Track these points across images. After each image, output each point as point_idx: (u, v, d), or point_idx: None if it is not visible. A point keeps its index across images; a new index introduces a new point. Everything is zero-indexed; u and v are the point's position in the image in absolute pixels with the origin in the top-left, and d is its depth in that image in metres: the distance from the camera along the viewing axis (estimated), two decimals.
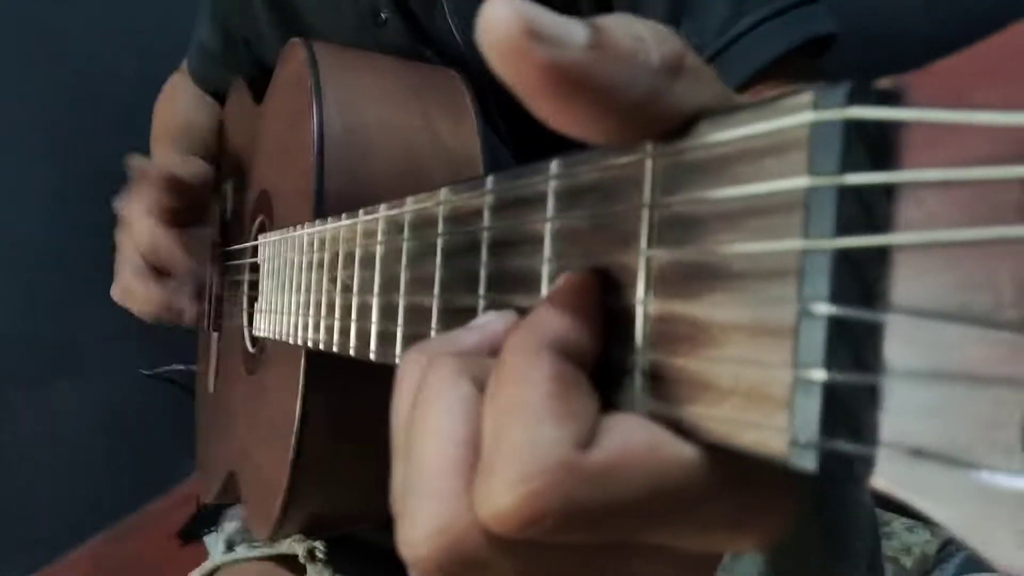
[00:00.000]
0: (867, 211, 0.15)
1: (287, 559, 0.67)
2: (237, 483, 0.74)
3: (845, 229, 0.15)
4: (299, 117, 0.61)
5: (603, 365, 0.21)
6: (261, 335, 0.62)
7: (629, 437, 0.19)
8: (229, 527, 0.75)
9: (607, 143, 0.20)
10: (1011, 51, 0.13)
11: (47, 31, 1.30)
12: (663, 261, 0.19)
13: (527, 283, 0.24)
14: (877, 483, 0.14)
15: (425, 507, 0.20)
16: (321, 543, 0.66)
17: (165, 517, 1.45)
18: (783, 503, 0.20)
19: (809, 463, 0.15)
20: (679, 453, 0.18)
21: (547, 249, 0.23)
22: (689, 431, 0.18)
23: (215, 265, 0.88)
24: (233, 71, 0.89)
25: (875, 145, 0.15)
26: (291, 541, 0.66)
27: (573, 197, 0.22)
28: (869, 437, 0.14)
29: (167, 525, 0.71)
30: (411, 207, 0.32)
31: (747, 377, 0.17)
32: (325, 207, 0.54)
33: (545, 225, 0.23)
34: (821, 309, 0.15)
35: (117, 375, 1.42)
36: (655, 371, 0.19)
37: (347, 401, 0.55)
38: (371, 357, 0.35)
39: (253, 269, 0.69)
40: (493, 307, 0.26)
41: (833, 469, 0.15)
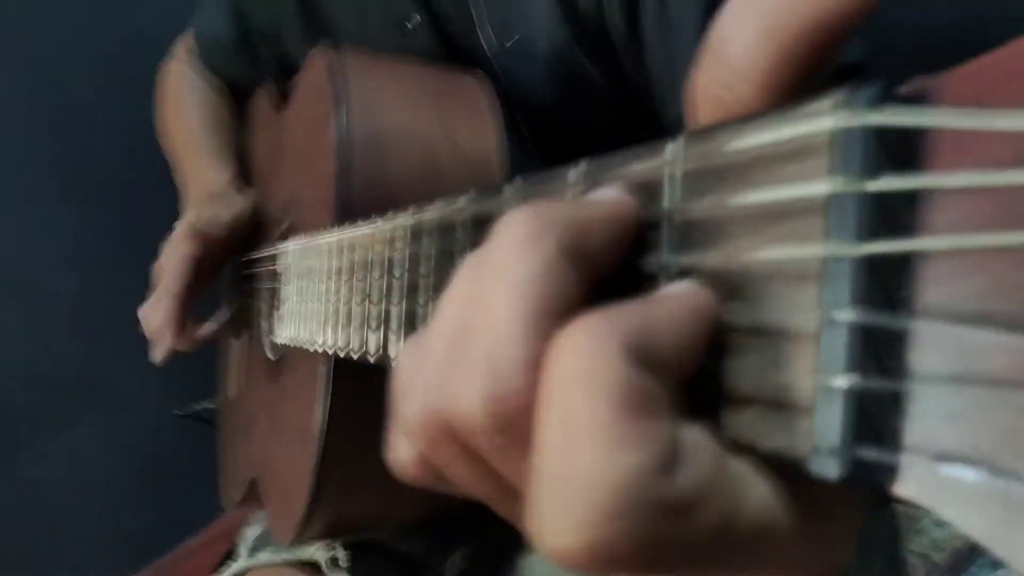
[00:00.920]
0: (890, 216, 0.15)
1: (309, 565, 0.68)
2: (259, 489, 0.74)
3: (868, 235, 0.15)
4: (322, 123, 0.61)
5: None
6: (283, 342, 0.63)
7: (705, 457, 0.17)
8: (251, 533, 0.76)
9: None
10: None
11: (58, 73, 1.32)
12: (684, 267, 0.19)
13: None
14: (900, 490, 0.14)
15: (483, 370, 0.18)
16: (344, 551, 0.66)
17: (200, 555, 1.46)
18: (847, 543, 0.20)
19: (832, 470, 0.15)
20: (748, 474, 0.17)
21: None
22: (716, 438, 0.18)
23: (238, 272, 0.89)
24: (248, 64, 0.89)
25: (898, 150, 0.15)
26: (314, 549, 0.67)
27: None
28: (892, 443, 0.14)
29: (202, 563, 0.72)
30: (433, 214, 0.32)
31: (770, 383, 0.17)
32: (347, 214, 0.55)
33: None
34: (843, 315, 0.15)
35: (149, 414, 1.44)
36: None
37: (369, 408, 0.55)
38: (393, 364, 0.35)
39: (275, 276, 0.69)
40: None
41: (856, 475, 0.15)
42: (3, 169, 1.28)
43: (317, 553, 0.67)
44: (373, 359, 0.38)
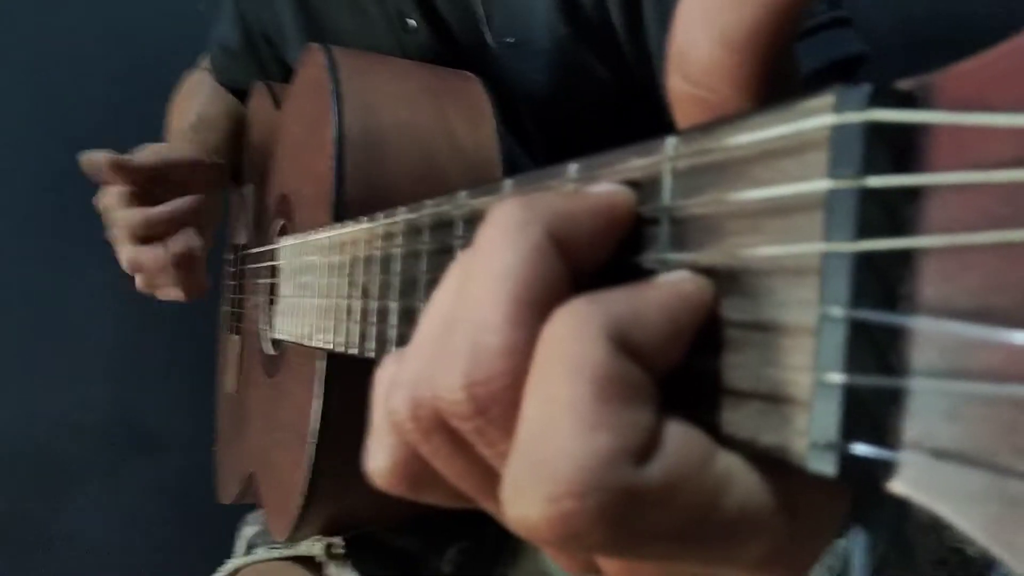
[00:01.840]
0: (889, 214, 0.15)
1: (306, 560, 0.68)
2: (256, 484, 0.74)
3: (866, 232, 0.15)
4: (318, 121, 0.61)
5: None
6: (280, 338, 0.63)
7: (686, 452, 0.17)
8: (249, 531, 0.76)
9: None
10: None
11: (68, 99, 1.31)
12: (683, 263, 0.19)
13: None
14: (898, 487, 0.14)
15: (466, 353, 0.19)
16: (339, 539, 0.66)
17: None
18: (830, 532, 0.20)
19: (829, 466, 0.15)
20: (734, 471, 0.17)
21: None
22: (711, 433, 0.18)
23: (236, 268, 0.89)
24: (254, 69, 0.89)
25: (897, 147, 0.15)
26: (309, 542, 0.67)
27: None
28: (890, 440, 0.14)
29: None
30: (430, 210, 0.32)
31: (768, 379, 0.17)
32: (344, 211, 0.55)
33: None
34: (841, 312, 0.15)
35: (187, 449, 1.44)
36: (676, 373, 0.19)
37: (366, 404, 0.55)
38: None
39: (273, 272, 0.69)
40: None
41: (854, 472, 0.15)
42: (40, 209, 1.28)
43: (313, 546, 0.67)
44: (370, 355, 0.38)
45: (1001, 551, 0.12)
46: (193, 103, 0.93)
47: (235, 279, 0.91)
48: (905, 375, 0.14)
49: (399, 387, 0.21)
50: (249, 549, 0.73)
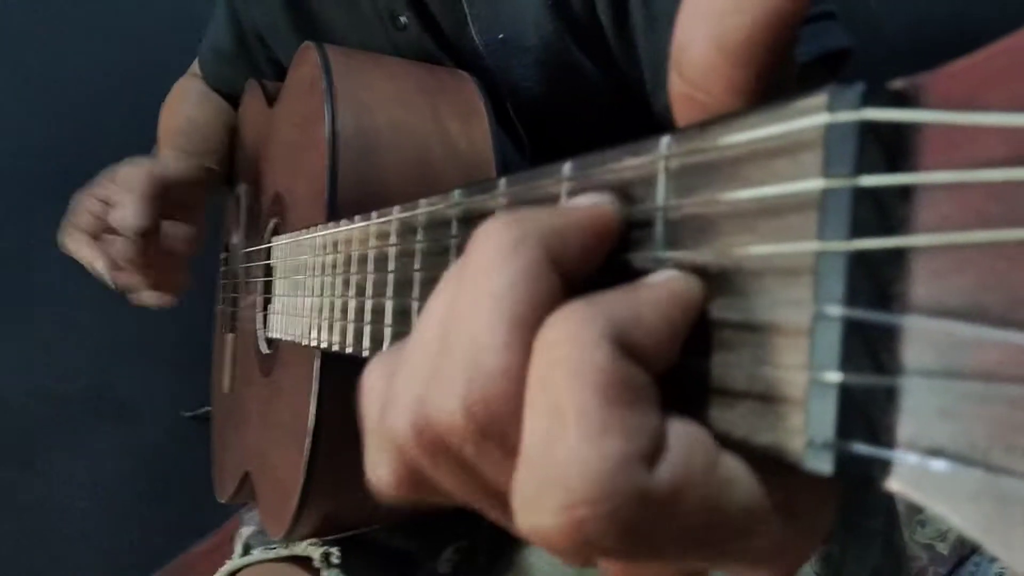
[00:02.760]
0: (882, 213, 0.15)
1: (302, 560, 0.68)
2: (252, 483, 0.74)
3: (860, 231, 0.15)
4: (312, 120, 0.61)
5: None
6: (275, 337, 0.63)
7: (692, 453, 0.17)
8: (246, 531, 0.76)
9: None
10: None
11: (57, 77, 1.31)
12: (677, 263, 0.19)
13: None
14: (893, 485, 0.14)
15: (462, 371, 0.19)
16: (336, 548, 0.66)
17: (212, 556, 1.46)
18: (822, 531, 0.20)
19: (825, 465, 0.15)
20: (735, 471, 0.18)
21: None
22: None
23: (229, 267, 0.88)
24: (246, 70, 0.89)
25: (890, 147, 0.15)
26: (307, 544, 0.67)
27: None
28: (886, 439, 0.14)
29: (215, 564, 0.73)
30: (424, 209, 0.32)
31: (763, 379, 0.17)
32: (338, 209, 0.55)
33: None
34: (836, 311, 0.15)
35: (159, 418, 1.44)
36: (670, 373, 0.19)
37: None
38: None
39: (267, 271, 0.69)
40: None
41: (849, 471, 0.15)
42: (6, 181, 1.28)
43: (310, 549, 0.67)
44: (366, 353, 0.38)
45: (996, 548, 0.13)
46: (183, 108, 0.93)
47: (229, 278, 0.91)
48: (899, 374, 0.14)
49: (397, 408, 0.21)
50: (246, 550, 0.73)
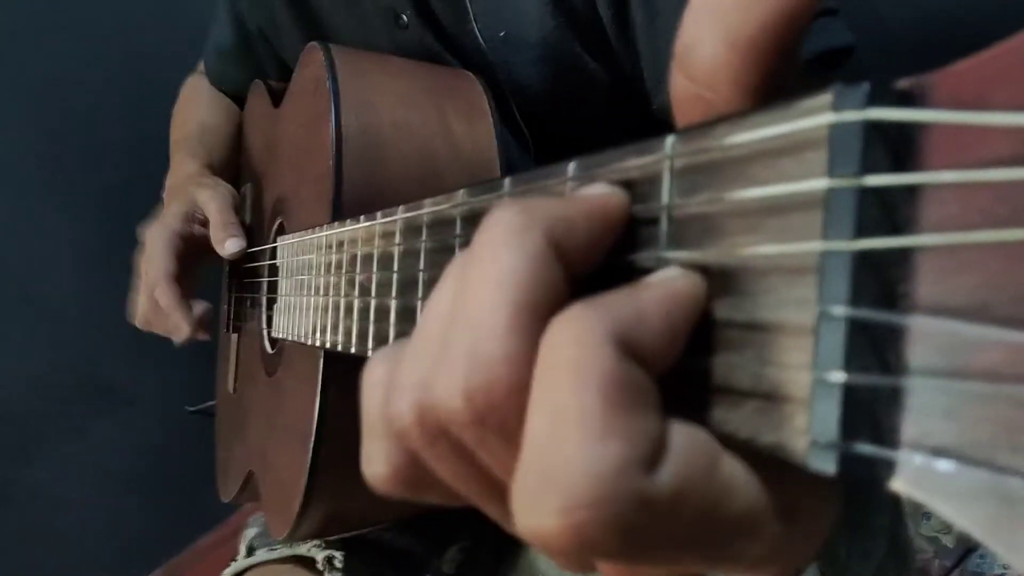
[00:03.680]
0: (888, 213, 0.15)
1: (305, 560, 0.68)
2: (256, 483, 0.74)
3: (865, 231, 0.15)
4: (317, 120, 0.61)
5: None
6: (279, 337, 0.63)
7: (693, 457, 0.17)
8: (250, 532, 0.76)
9: None
10: None
11: (58, 74, 1.31)
12: (682, 263, 0.19)
13: None
14: (897, 485, 0.14)
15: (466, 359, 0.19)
16: (340, 552, 0.66)
17: (213, 554, 1.47)
18: (822, 533, 0.20)
19: (829, 465, 0.15)
20: (737, 475, 0.18)
21: None
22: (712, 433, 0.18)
23: (234, 267, 0.89)
24: (250, 69, 0.89)
25: (895, 146, 0.15)
26: (310, 545, 0.67)
27: None
28: (890, 439, 0.14)
29: (218, 559, 0.73)
30: (429, 209, 0.32)
31: (767, 379, 0.17)
32: (343, 209, 0.55)
33: None
34: (840, 311, 0.15)
35: (158, 414, 1.45)
36: (676, 374, 0.19)
37: None
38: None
39: (272, 271, 0.69)
40: None
41: (854, 471, 0.15)
42: (3, 174, 1.28)
43: (313, 550, 0.67)
44: (370, 354, 0.38)
45: (1001, 549, 0.13)
46: (194, 112, 0.94)
47: (233, 278, 0.91)
48: (904, 374, 0.14)
49: (401, 391, 0.21)
50: (250, 551, 0.73)
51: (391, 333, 0.35)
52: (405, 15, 0.68)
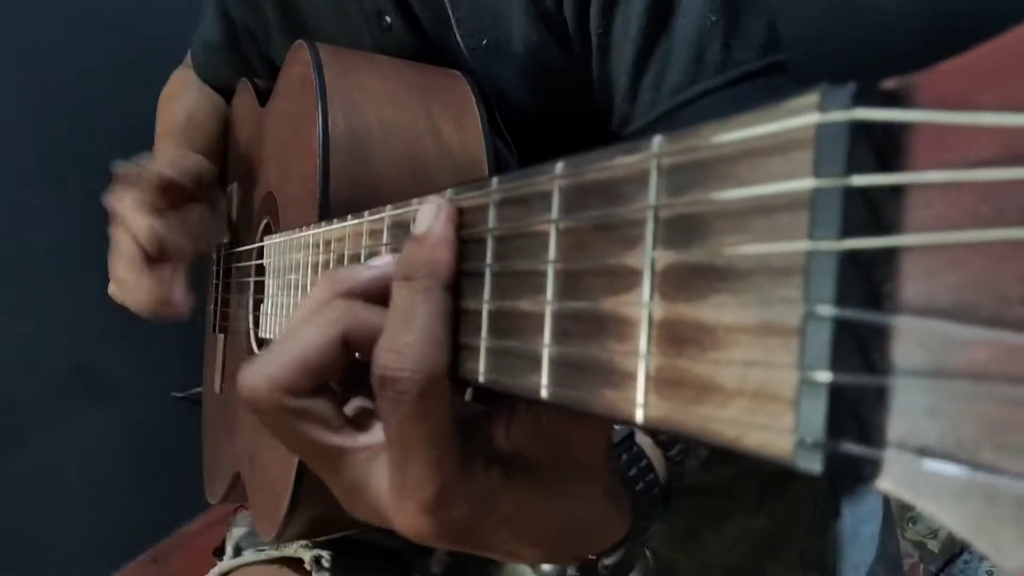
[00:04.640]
0: (873, 212, 0.15)
1: (292, 561, 0.67)
2: (243, 484, 0.74)
3: (851, 231, 0.15)
4: (304, 120, 0.61)
5: (606, 365, 0.21)
6: (267, 337, 0.62)
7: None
8: (237, 532, 0.75)
9: None
10: (1018, 52, 0.13)
11: (53, 67, 1.31)
12: (668, 263, 0.19)
13: (532, 284, 0.24)
14: (883, 484, 0.14)
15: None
16: (327, 552, 0.66)
17: (197, 540, 1.48)
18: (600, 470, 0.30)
19: (815, 464, 0.15)
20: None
21: (552, 250, 0.23)
22: (697, 433, 0.18)
23: (220, 267, 0.88)
24: (237, 65, 0.89)
25: (881, 146, 0.15)
26: (298, 546, 0.66)
27: (578, 198, 0.22)
28: (876, 438, 0.14)
29: (204, 545, 0.72)
30: (416, 207, 0.32)
31: (753, 378, 0.17)
32: (330, 209, 0.55)
33: (550, 226, 0.23)
34: (827, 311, 0.15)
35: (148, 398, 1.44)
36: (660, 373, 0.19)
37: None
38: None
39: (259, 271, 0.69)
40: (498, 309, 0.26)
41: (840, 470, 0.15)
42: None
43: (301, 551, 0.66)
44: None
45: (985, 547, 0.13)
46: (181, 103, 0.93)
47: (220, 278, 0.91)
48: (889, 373, 0.14)
49: (253, 378, 0.31)
50: (237, 551, 0.73)
51: None
52: (388, 17, 0.68)
